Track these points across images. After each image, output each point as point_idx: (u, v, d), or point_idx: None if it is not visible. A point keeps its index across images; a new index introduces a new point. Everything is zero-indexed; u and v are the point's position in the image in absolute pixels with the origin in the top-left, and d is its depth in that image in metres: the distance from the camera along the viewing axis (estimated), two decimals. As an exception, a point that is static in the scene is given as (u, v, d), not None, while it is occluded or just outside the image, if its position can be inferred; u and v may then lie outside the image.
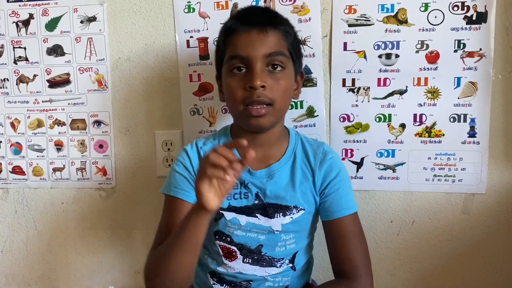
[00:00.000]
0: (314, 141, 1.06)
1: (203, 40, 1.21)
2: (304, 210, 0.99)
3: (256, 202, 0.99)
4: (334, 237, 1.00)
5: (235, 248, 1.00)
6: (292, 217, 0.98)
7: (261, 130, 0.96)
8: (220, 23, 1.01)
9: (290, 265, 1.02)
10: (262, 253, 1.00)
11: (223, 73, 0.97)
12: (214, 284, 1.04)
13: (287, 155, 1.01)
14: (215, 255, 1.03)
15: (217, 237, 1.01)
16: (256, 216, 0.99)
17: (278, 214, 0.98)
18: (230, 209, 0.99)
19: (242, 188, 0.99)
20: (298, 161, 1.01)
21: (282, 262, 1.01)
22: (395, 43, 1.15)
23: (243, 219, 0.99)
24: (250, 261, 1.00)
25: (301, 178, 1.00)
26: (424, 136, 1.16)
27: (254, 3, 1.18)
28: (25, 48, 1.30)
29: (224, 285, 1.03)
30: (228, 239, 1.00)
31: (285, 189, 0.99)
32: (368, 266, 1.01)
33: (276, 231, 0.98)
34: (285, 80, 0.94)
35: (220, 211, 0.99)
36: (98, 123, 1.30)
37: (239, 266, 1.00)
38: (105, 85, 1.28)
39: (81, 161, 1.32)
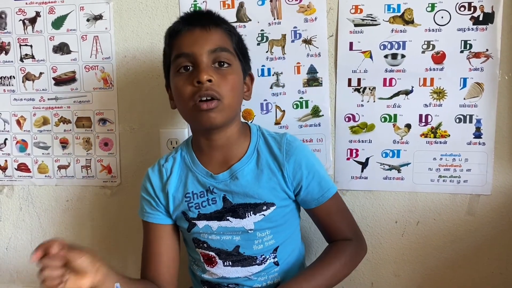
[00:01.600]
0: (277, 134, 1.04)
1: (209, 39, 1.21)
2: (275, 205, 0.98)
3: (225, 205, 0.99)
4: (324, 220, 1.04)
5: (213, 254, 1.01)
6: (264, 214, 0.98)
7: (214, 127, 0.94)
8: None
9: (273, 260, 1.02)
10: (241, 253, 1.00)
11: (171, 76, 0.97)
12: None
13: (248, 153, 1.00)
14: (199, 263, 1.05)
15: (196, 244, 1.02)
16: (228, 219, 0.98)
17: (248, 213, 0.97)
18: (200, 217, 1.00)
19: (208, 195, 0.99)
20: (263, 157, 0.99)
21: (263, 259, 1.01)
22: (401, 43, 1.14)
23: (214, 224, 0.99)
24: (230, 264, 1.00)
25: (269, 174, 0.98)
26: (430, 137, 1.16)
27: (260, 2, 1.18)
28: (31, 46, 1.31)
29: None
30: (205, 245, 1.01)
31: (251, 187, 0.97)
32: (358, 232, 1.07)
33: (250, 230, 0.98)
34: (233, 76, 0.95)
35: (192, 221, 1.00)
36: (103, 121, 1.31)
37: (221, 271, 1.01)
38: (111, 83, 1.29)
39: (86, 159, 1.33)
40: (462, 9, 1.11)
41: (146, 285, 1.01)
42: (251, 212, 0.97)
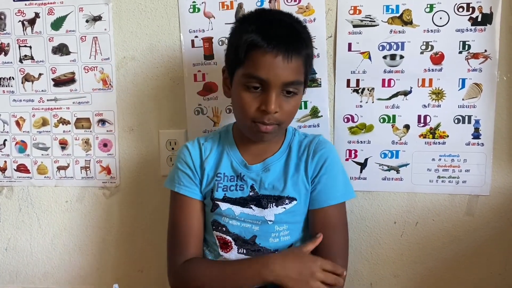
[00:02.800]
0: (311, 134, 1.09)
1: (208, 40, 1.21)
2: (296, 200, 1.01)
3: (251, 193, 1.02)
4: (316, 226, 1.02)
5: (230, 239, 1.03)
6: (285, 207, 1.01)
7: (264, 142, 1.01)
8: (225, 23, 1.01)
9: None
10: (256, 244, 1.02)
11: (237, 81, 0.97)
12: None
13: (282, 149, 1.05)
14: (212, 247, 1.06)
15: (214, 227, 1.04)
16: (250, 207, 1.02)
17: (271, 204, 1.01)
18: (225, 200, 1.03)
19: (238, 181, 1.03)
20: (293, 153, 1.04)
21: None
22: (399, 44, 1.15)
23: (237, 209, 1.02)
24: (244, 252, 1.02)
25: (294, 170, 1.03)
26: (428, 137, 1.16)
27: (259, 3, 1.18)
28: (30, 47, 1.31)
29: None
30: (224, 229, 1.03)
31: (278, 180, 1.02)
32: (345, 258, 1.04)
33: (269, 221, 1.01)
34: (296, 102, 0.98)
35: (216, 202, 1.03)
36: (102, 122, 1.31)
37: (234, 257, 1.03)
38: (110, 84, 1.29)
39: (85, 160, 1.33)
40: (460, 10, 1.11)
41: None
42: (274, 204, 1.01)
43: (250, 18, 0.99)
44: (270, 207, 1.01)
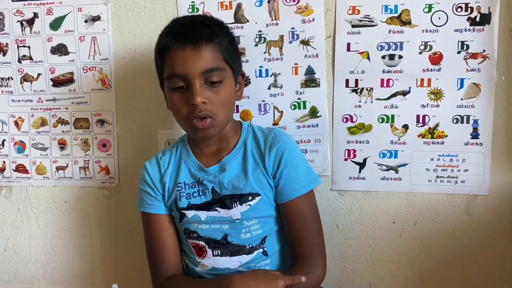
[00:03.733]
0: (267, 128, 1.09)
1: (207, 40, 1.21)
2: (260, 195, 1.01)
3: (214, 196, 1.03)
4: (287, 219, 1.03)
5: (203, 243, 1.04)
6: (249, 204, 1.01)
7: (210, 138, 1.02)
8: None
9: (261, 250, 1.03)
10: (229, 242, 1.03)
11: (166, 89, 1.01)
12: None
13: (238, 147, 1.05)
14: (190, 256, 1.07)
15: (186, 235, 1.05)
16: (216, 210, 1.02)
17: (235, 204, 1.01)
18: (190, 207, 1.04)
19: (199, 186, 1.04)
20: (249, 149, 1.04)
21: (250, 248, 1.03)
22: (398, 44, 1.15)
23: (203, 214, 1.03)
24: (219, 253, 1.03)
25: (253, 165, 1.02)
26: (427, 137, 1.16)
27: (258, 3, 1.18)
28: (29, 47, 1.31)
29: None
30: (195, 234, 1.04)
31: (238, 178, 1.02)
32: (319, 248, 1.03)
33: (237, 219, 1.02)
34: (225, 91, 0.98)
35: (182, 211, 1.04)
36: (101, 122, 1.31)
37: (211, 262, 1.04)
38: (109, 84, 1.29)
39: (84, 160, 1.33)
40: (459, 10, 1.12)
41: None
42: (238, 203, 1.01)
43: (164, 28, 1.02)
44: (235, 207, 1.01)
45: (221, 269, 1.04)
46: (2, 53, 1.32)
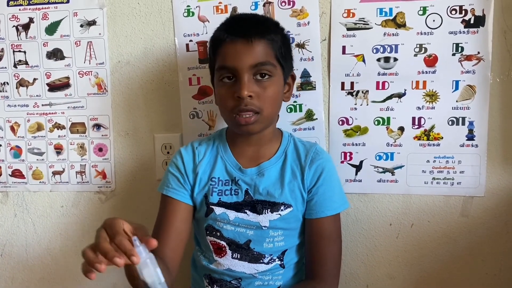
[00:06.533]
0: (308, 142, 1.09)
1: (203, 44, 1.22)
2: (292, 207, 1.01)
3: (246, 198, 1.02)
4: (311, 236, 1.03)
5: (224, 243, 1.03)
6: (280, 214, 1.01)
7: (251, 135, 1.02)
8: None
9: (279, 262, 1.03)
10: (251, 248, 1.02)
11: (215, 81, 1.01)
12: (206, 286, 1.06)
13: (278, 154, 1.05)
14: (206, 252, 1.06)
15: (207, 232, 1.04)
16: (245, 212, 1.02)
17: (266, 210, 1.01)
18: (220, 204, 1.03)
19: (233, 185, 1.03)
20: (289, 159, 1.04)
21: (270, 258, 1.03)
22: (393, 46, 1.15)
23: (232, 214, 1.02)
24: (238, 257, 1.02)
25: (290, 176, 1.03)
26: (423, 139, 1.17)
27: (253, 7, 1.19)
28: (25, 52, 1.30)
29: (215, 286, 1.05)
30: (218, 233, 1.03)
31: (274, 186, 1.02)
32: (337, 270, 1.04)
33: (264, 227, 1.01)
34: (273, 87, 0.97)
35: (211, 206, 1.02)
36: (97, 126, 1.31)
37: (228, 262, 1.03)
38: (105, 88, 1.29)
39: (80, 165, 1.32)
40: (453, 12, 1.12)
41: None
42: (269, 210, 1.01)
43: (220, 24, 1.03)
44: (265, 213, 1.01)
45: (237, 272, 1.03)
46: (-3, 58, 1.32)
